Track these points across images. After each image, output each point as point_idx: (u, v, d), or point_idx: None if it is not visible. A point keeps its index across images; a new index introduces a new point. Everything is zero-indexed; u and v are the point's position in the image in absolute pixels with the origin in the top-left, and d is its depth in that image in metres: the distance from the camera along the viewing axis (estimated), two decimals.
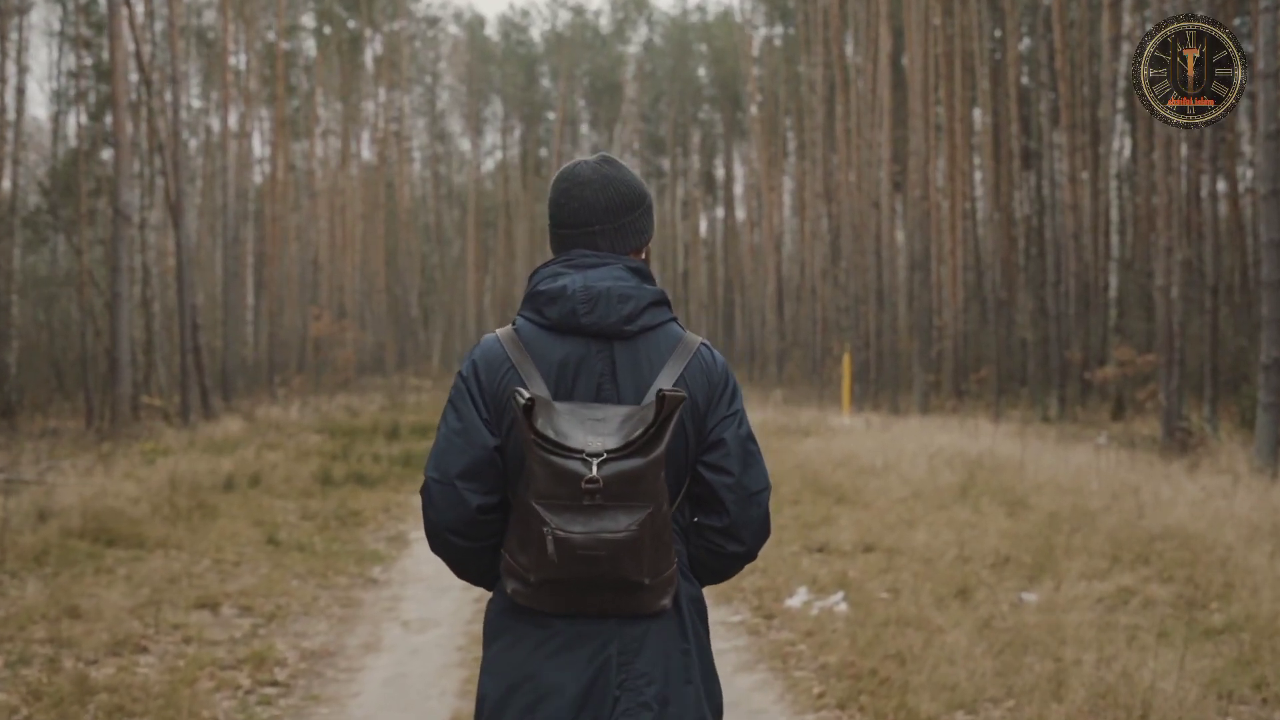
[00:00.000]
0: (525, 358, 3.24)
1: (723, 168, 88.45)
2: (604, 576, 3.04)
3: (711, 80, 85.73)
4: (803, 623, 9.52)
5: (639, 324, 3.26)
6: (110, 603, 10.22)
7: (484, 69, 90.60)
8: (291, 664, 8.75)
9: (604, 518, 3.01)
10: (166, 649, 9.03)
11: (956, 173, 44.86)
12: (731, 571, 3.43)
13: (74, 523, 14.09)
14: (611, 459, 3.03)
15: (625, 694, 3.15)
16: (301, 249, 63.68)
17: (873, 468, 18.46)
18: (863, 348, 44.09)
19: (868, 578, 11.06)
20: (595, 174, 3.41)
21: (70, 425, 29.99)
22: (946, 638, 8.59)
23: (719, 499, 3.28)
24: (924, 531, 13.03)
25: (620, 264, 3.33)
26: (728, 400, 3.34)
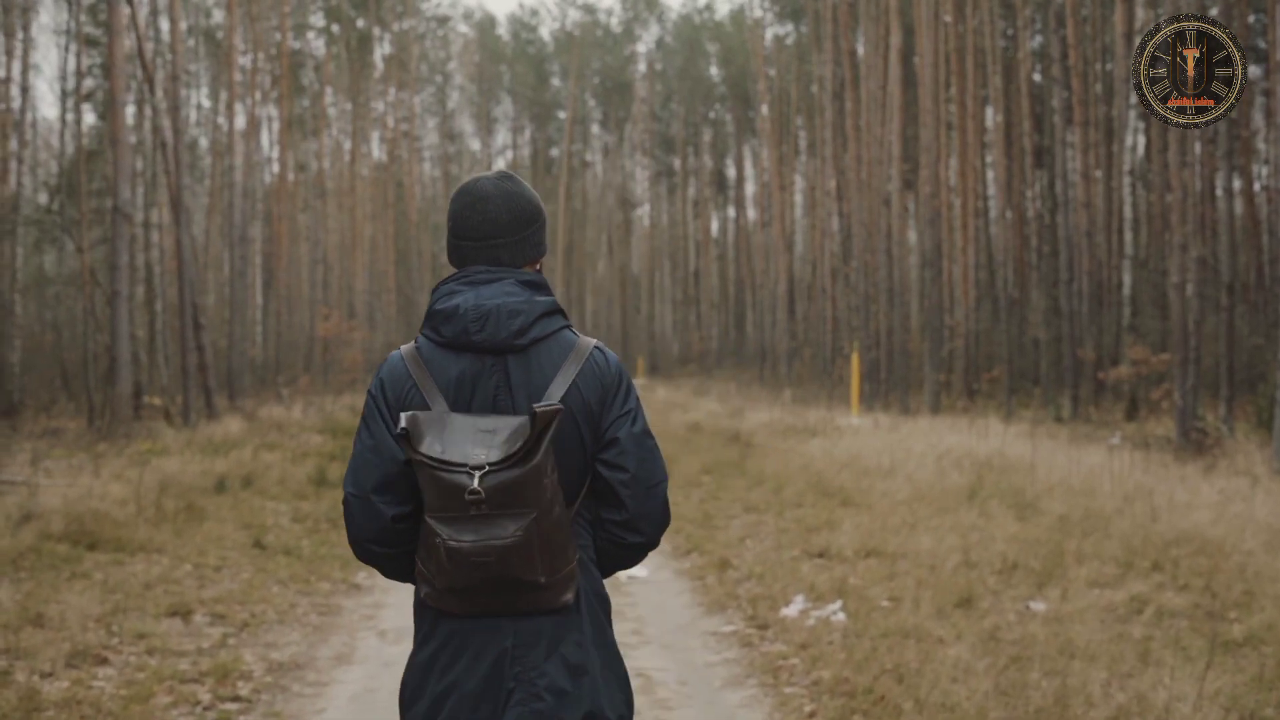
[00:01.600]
0: (425, 375, 3.42)
1: (734, 167, 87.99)
2: (498, 579, 3.23)
3: (722, 79, 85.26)
4: (798, 634, 9.06)
5: (529, 336, 3.41)
6: (77, 610, 9.80)
7: (494, 68, 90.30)
8: (257, 677, 8.31)
9: (492, 525, 3.20)
10: (128, 660, 8.60)
11: (968, 170, 44.38)
12: (634, 561, 3.61)
13: (55, 526, 13.70)
14: (493, 471, 3.20)
15: (519, 685, 3.32)
16: (310, 249, 63.32)
17: (878, 469, 18.01)
18: (873, 347, 43.61)
19: (868, 585, 10.61)
20: (497, 189, 3.56)
21: (72, 425, 29.61)
22: (948, 651, 8.14)
23: (616, 494, 3.46)
24: (929, 536, 12.57)
25: (513, 279, 3.48)
26: (621, 400, 3.51)
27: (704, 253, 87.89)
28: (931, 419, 29.67)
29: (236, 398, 39.27)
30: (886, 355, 42.75)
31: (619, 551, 3.54)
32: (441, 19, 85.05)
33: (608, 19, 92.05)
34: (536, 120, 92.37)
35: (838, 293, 53.85)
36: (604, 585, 3.54)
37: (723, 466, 20.67)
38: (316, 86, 66.07)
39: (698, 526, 14.76)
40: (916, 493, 15.69)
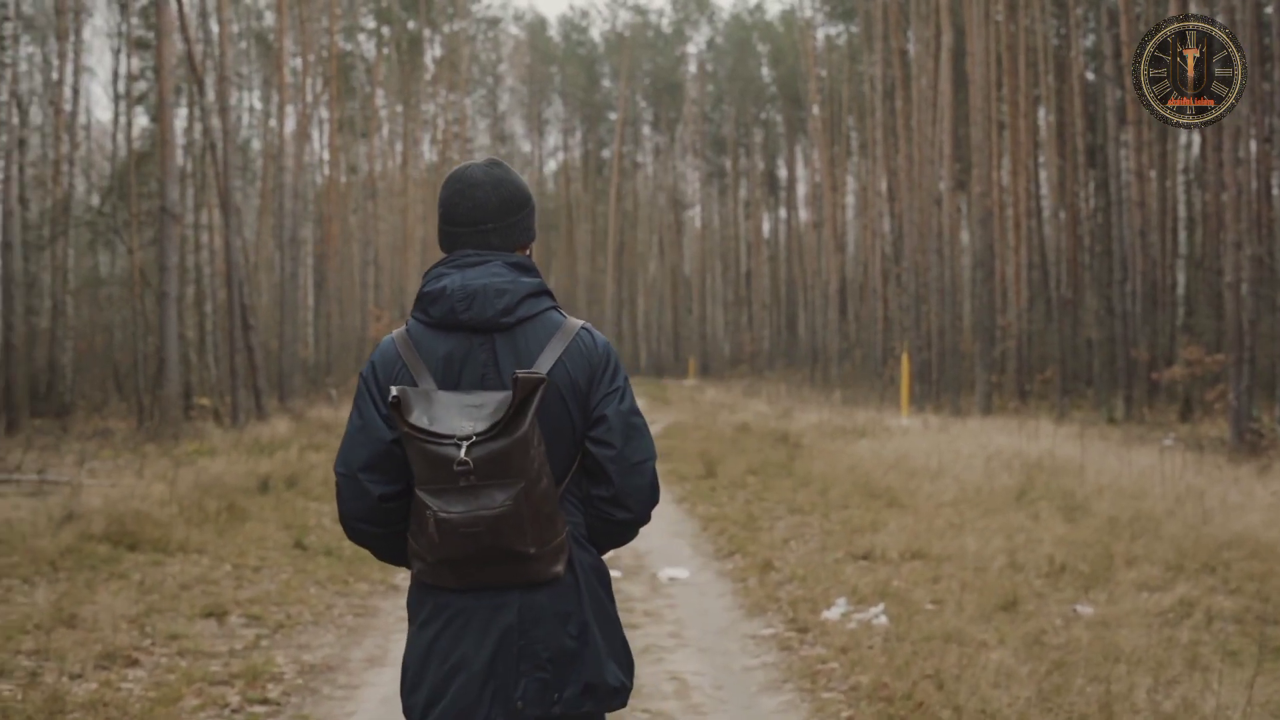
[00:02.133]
0: (415, 356, 3.51)
1: (785, 167, 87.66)
2: (490, 550, 3.32)
3: (773, 79, 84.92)
4: (838, 637, 8.88)
5: (516, 315, 3.51)
6: (111, 611, 9.74)
7: (545, 70, 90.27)
8: (288, 679, 8.20)
9: (480, 496, 3.29)
10: (159, 661, 8.52)
11: (1020, 169, 44.00)
12: (625, 538, 3.69)
13: (96, 526, 13.68)
14: (480, 441, 3.29)
15: (524, 658, 3.41)
16: (362, 250, 63.40)
17: (926, 470, 17.79)
18: (924, 348, 43.30)
19: (912, 587, 10.43)
20: (487, 176, 3.66)
21: (122, 426, 29.72)
22: (991, 655, 7.96)
23: (604, 470, 3.54)
24: (975, 538, 12.37)
25: (499, 260, 3.58)
26: (609, 378, 3.59)
27: (755, 254, 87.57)
28: (982, 420, 29.38)
29: (287, 399, 39.32)
30: (938, 356, 42.43)
31: (608, 528, 3.61)
32: (492, 20, 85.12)
33: (658, 20, 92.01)
34: (587, 122, 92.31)
35: (889, 293, 53.56)
36: (601, 559, 3.64)
37: (769, 467, 20.49)
38: (368, 89, 66.16)
39: (741, 528, 14.60)
40: (964, 494, 15.48)
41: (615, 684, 3.54)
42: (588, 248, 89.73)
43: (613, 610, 3.63)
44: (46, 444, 25.79)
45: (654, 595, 11.05)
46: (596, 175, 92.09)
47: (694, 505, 16.99)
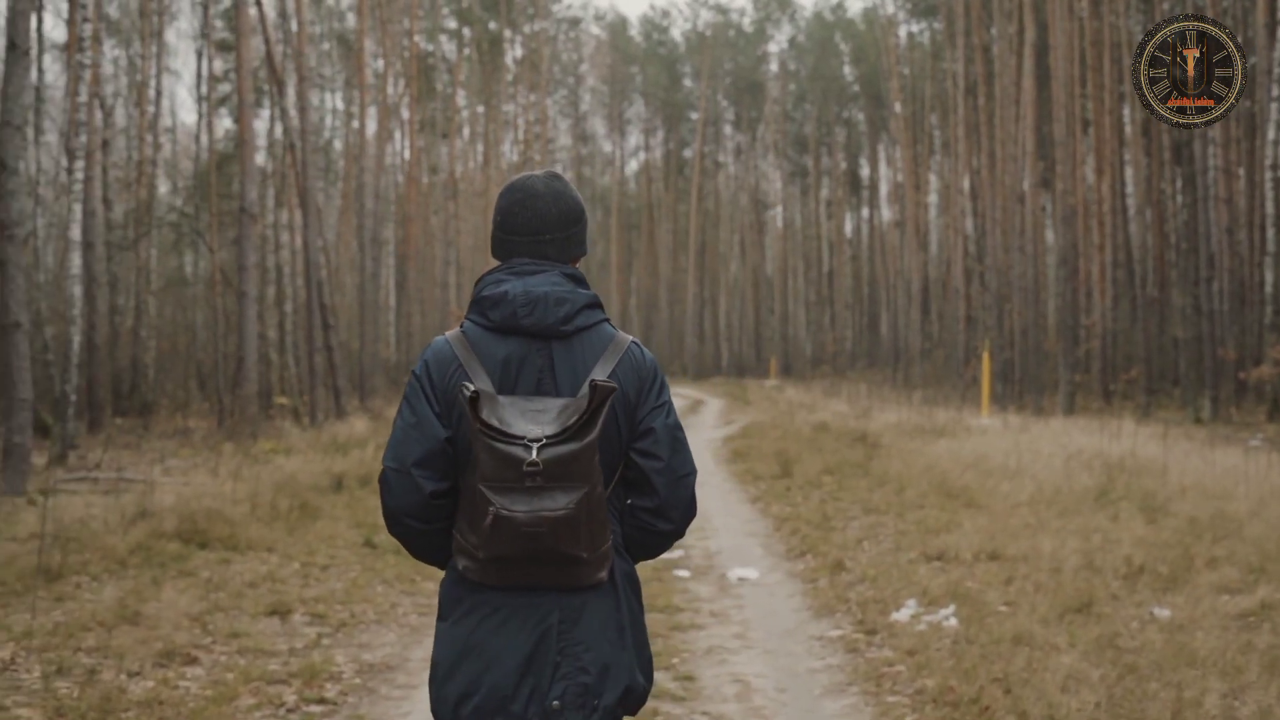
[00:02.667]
0: (472, 357, 3.56)
1: (867, 166, 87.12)
2: (546, 551, 3.36)
3: (855, 78, 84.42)
4: (906, 639, 8.69)
5: (574, 325, 3.59)
6: (175, 609, 9.72)
7: (626, 69, 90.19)
8: (346, 679, 8.12)
9: (544, 497, 3.33)
10: (218, 660, 8.46)
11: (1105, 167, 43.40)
12: (662, 548, 3.77)
13: (167, 524, 13.71)
14: (550, 444, 3.35)
15: (565, 660, 3.47)
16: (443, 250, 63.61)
17: (1003, 470, 17.49)
18: (1007, 347, 42.83)
19: (985, 589, 10.21)
20: (547, 188, 3.74)
21: (203, 425, 29.91)
22: (1062, 659, 7.74)
23: (650, 482, 3.62)
24: (1052, 538, 12.12)
25: (557, 270, 3.66)
26: (656, 392, 3.68)
27: (838, 253, 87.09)
28: (1064, 420, 28.97)
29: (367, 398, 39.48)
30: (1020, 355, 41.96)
31: (647, 538, 3.70)
32: (573, 21, 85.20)
33: (740, 19, 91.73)
34: (668, 121, 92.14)
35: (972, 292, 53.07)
36: (634, 568, 3.72)
37: (846, 467, 20.26)
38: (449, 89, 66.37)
39: (814, 528, 14.41)
40: (1041, 494, 15.20)
41: (644, 690, 3.63)
42: (669, 248, 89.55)
43: (643, 618, 3.71)
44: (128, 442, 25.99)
45: (722, 595, 10.90)
46: (678, 175, 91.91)
47: (768, 505, 16.81)
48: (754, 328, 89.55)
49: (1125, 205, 46.83)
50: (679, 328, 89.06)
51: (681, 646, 8.90)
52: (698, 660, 8.54)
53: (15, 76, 16.96)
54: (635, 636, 3.61)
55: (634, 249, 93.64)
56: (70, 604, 10.16)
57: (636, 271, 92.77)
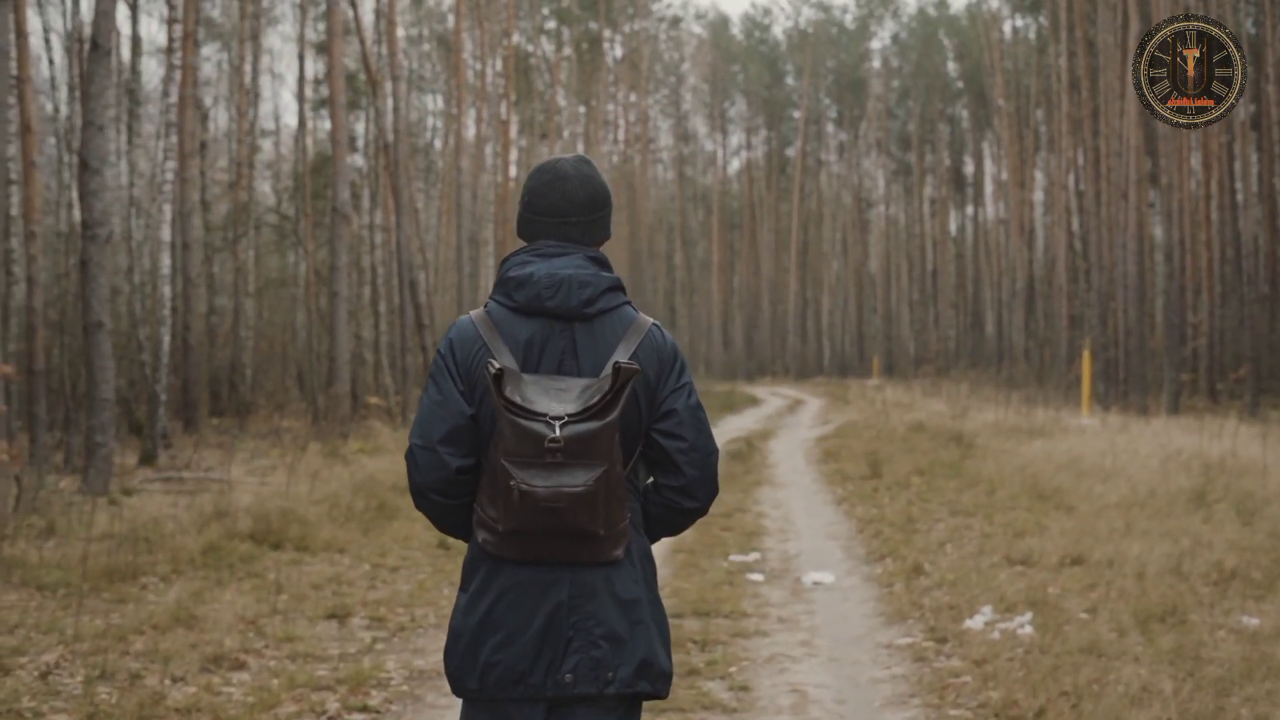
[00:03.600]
0: (496, 336, 3.63)
1: (971, 163, 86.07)
2: (564, 526, 3.46)
3: (959, 74, 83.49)
4: (977, 648, 8.32)
5: (597, 307, 3.66)
6: (233, 611, 9.59)
7: (727, 68, 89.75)
8: (394, 686, 7.90)
9: (564, 474, 3.42)
10: (268, 665, 8.29)
11: (1213, 161, 42.42)
12: (685, 525, 3.84)
13: (242, 524, 13.65)
14: (572, 421, 3.45)
15: (578, 634, 3.55)
16: None
17: (1098, 471, 17.00)
18: (1110, 345, 42.03)
19: (1067, 595, 9.84)
20: (576, 171, 3.82)
21: (298, 425, 29.97)
22: (1139, 670, 7.36)
23: (674, 461, 3.69)
24: (1141, 542, 11.67)
25: (581, 254, 3.74)
26: (676, 374, 3.73)
27: (941, 251, 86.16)
28: (1167, 420, 28.29)
29: None
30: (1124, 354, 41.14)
31: (672, 516, 3.78)
32: (673, 20, 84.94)
33: (842, 16, 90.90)
34: (770, 120, 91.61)
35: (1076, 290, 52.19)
36: (650, 548, 3.77)
37: (938, 468, 19.82)
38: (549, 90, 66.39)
39: (897, 530, 14.04)
40: (1134, 496, 14.71)
41: (665, 668, 3.67)
42: (771, 247, 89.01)
43: (659, 599, 3.75)
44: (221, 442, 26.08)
45: (793, 600, 10.58)
46: (780, 174, 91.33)
47: (853, 506, 16.45)
48: (856, 327, 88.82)
49: (1234, 200, 45.83)
50: (781, 327, 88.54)
51: (742, 654, 8.60)
52: (757, 669, 8.24)
53: (98, 76, 16.98)
54: (652, 611, 3.67)
55: (736, 249, 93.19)
56: (131, 605, 10.05)
57: (739, 271, 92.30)
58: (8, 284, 24.57)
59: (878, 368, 75.10)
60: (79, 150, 17.70)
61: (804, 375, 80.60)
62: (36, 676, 7.75)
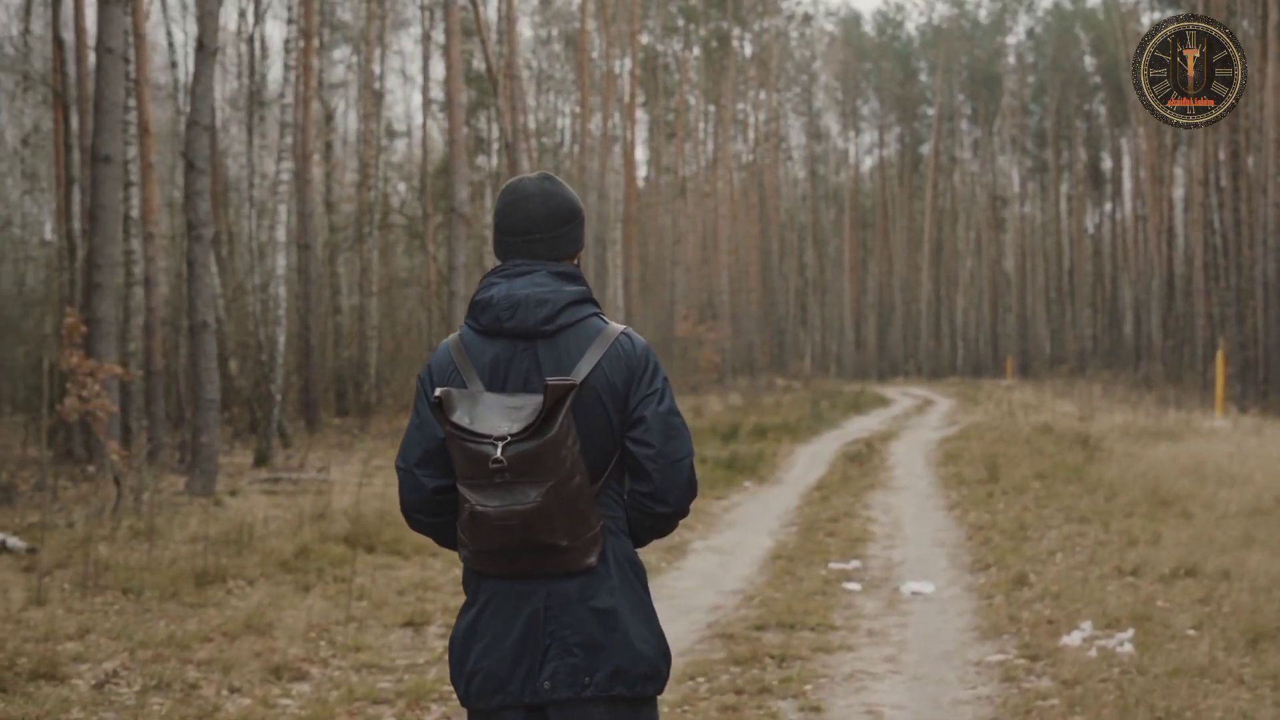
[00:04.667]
0: (465, 360, 3.73)
1: (1109, 160, 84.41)
2: (521, 543, 3.54)
3: (1095, 69, 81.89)
4: (1070, 667, 7.87)
5: (557, 323, 3.70)
6: (309, 618, 9.40)
7: (860, 65, 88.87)
8: (454, 701, 7.63)
9: (514, 492, 3.50)
10: (331, 675, 8.07)
11: None
12: (664, 530, 3.85)
13: (338, 526, 13.53)
14: (514, 442, 3.50)
15: (555, 642, 3.62)
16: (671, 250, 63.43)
17: (1223, 476, 16.33)
18: (1248, 345, 40.82)
19: (1176, 609, 9.34)
20: (537, 189, 3.87)
21: None
22: (1241, 694, 6.89)
23: (643, 468, 3.72)
24: (1261, 553, 11.10)
25: (545, 270, 3.78)
26: (648, 381, 3.74)
27: (1078, 249, 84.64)
28: None
29: None
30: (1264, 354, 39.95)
31: (649, 521, 3.79)
32: (805, 17, 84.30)
33: (976, 10, 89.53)
34: (903, 117, 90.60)
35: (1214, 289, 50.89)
36: (635, 551, 3.80)
37: (1059, 471, 19.18)
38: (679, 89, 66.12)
39: (1007, 537, 13.52)
40: (1259, 503, 14.07)
41: (647, 670, 3.69)
42: (904, 245, 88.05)
43: (646, 599, 3.78)
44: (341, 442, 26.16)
45: (887, 612, 10.17)
46: (912, 171, 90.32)
47: (966, 512, 15.93)
48: (990, 326, 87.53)
49: None
50: (914, 326, 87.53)
51: (821, 671, 8.21)
52: (834, 687, 7.85)
53: (203, 76, 16.99)
54: (635, 616, 3.70)
55: (868, 247, 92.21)
56: (211, 610, 9.93)
57: (871, 269, 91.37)
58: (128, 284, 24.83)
59: (1011, 368, 73.88)
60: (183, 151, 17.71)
61: (937, 375, 79.52)
62: (92, 685, 7.61)
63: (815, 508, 16.60)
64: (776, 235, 76.74)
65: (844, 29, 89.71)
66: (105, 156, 18.15)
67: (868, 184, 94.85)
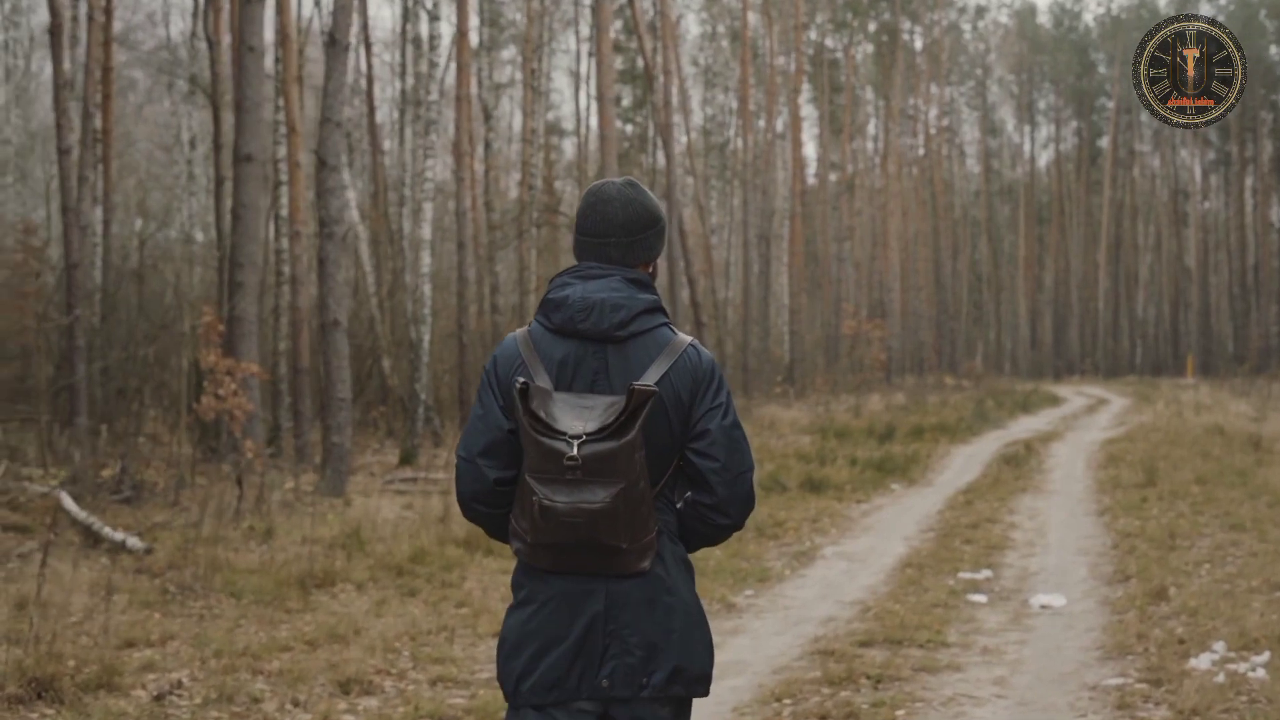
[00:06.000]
0: (534, 355, 3.77)
1: None
2: (585, 540, 3.59)
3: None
4: (1193, 696, 7.20)
5: (629, 330, 3.75)
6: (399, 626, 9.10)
7: (1035, 58, 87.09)
8: None
9: (584, 490, 3.56)
10: (404, 689, 7.74)
11: None
12: (720, 539, 3.92)
13: (459, 529, 13.25)
14: (590, 440, 3.56)
15: (613, 642, 3.67)
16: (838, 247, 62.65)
17: None
18: None
19: None
20: (619, 194, 3.90)
21: None
22: None
23: (707, 480, 3.77)
24: None
25: (619, 276, 3.82)
26: (712, 394, 3.79)
27: (1263, 245, 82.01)
28: None
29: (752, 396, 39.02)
30: None
31: (707, 531, 3.86)
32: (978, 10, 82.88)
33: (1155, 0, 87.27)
34: (1080, 110, 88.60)
35: None
36: (688, 556, 3.85)
37: (1223, 476, 18.25)
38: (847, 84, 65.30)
39: (1155, 546, 12.77)
40: None
41: (701, 671, 3.78)
42: (1080, 242, 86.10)
43: (696, 603, 3.84)
44: None
45: (1009, 627, 9.55)
46: (1090, 165, 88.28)
47: (1116, 518, 15.12)
48: (1170, 324, 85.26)
49: None
50: (1091, 324, 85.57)
51: (919, 694, 7.63)
52: (928, 713, 7.27)
53: (335, 72, 16.85)
54: (687, 618, 3.75)
55: (1045, 243, 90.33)
56: (309, 615, 9.71)
57: (1047, 266, 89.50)
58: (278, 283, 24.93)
59: (1192, 366, 71.81)
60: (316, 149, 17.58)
61: (1114, 374, 77.61)
62: (153, 697, 7.34)
63: (957, 512, 15.94)
64: (949, 231, 75.48)
65: (1019, 21, 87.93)
66: (247, 155, 18.15)
67: (1043, 179, 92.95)
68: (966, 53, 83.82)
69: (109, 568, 11.52)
